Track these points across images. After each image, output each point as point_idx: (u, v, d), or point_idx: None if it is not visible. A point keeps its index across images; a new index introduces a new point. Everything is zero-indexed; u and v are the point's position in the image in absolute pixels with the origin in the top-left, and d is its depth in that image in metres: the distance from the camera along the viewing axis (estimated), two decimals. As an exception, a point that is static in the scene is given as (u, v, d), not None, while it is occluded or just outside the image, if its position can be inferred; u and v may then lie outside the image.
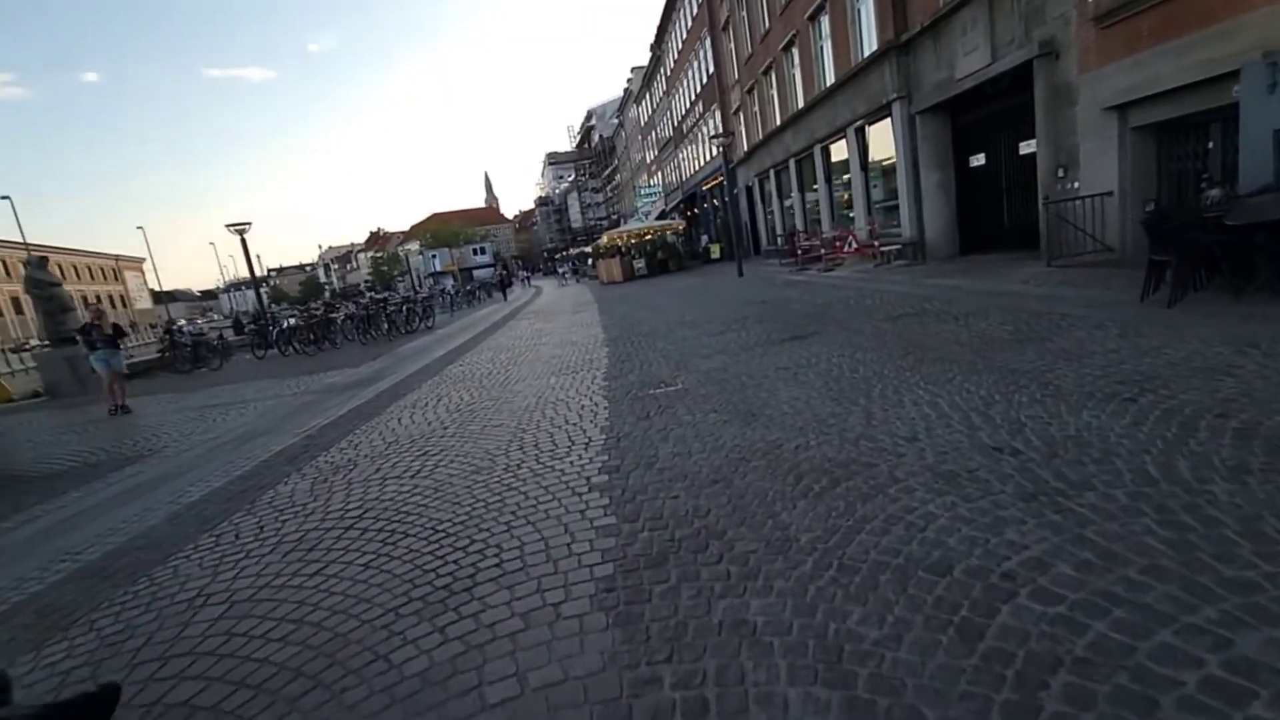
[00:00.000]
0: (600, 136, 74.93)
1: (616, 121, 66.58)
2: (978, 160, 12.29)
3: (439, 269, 67.76)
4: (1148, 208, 8.02)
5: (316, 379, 10.17)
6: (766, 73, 21.52)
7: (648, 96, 48.89)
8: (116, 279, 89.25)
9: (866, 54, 14.13)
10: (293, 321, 15.07)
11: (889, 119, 13.69)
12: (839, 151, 17.03)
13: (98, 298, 78.58)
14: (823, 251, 15.14)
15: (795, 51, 18.79)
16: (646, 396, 5.46)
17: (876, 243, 13.98)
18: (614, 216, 71.82)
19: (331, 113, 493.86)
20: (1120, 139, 8.44)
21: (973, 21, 10.63)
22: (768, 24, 20.39)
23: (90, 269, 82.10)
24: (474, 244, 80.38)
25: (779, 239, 21.06)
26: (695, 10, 31.08)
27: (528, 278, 59.64)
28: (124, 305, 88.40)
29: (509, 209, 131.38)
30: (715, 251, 31.85)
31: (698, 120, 34.16)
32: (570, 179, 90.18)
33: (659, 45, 41.05)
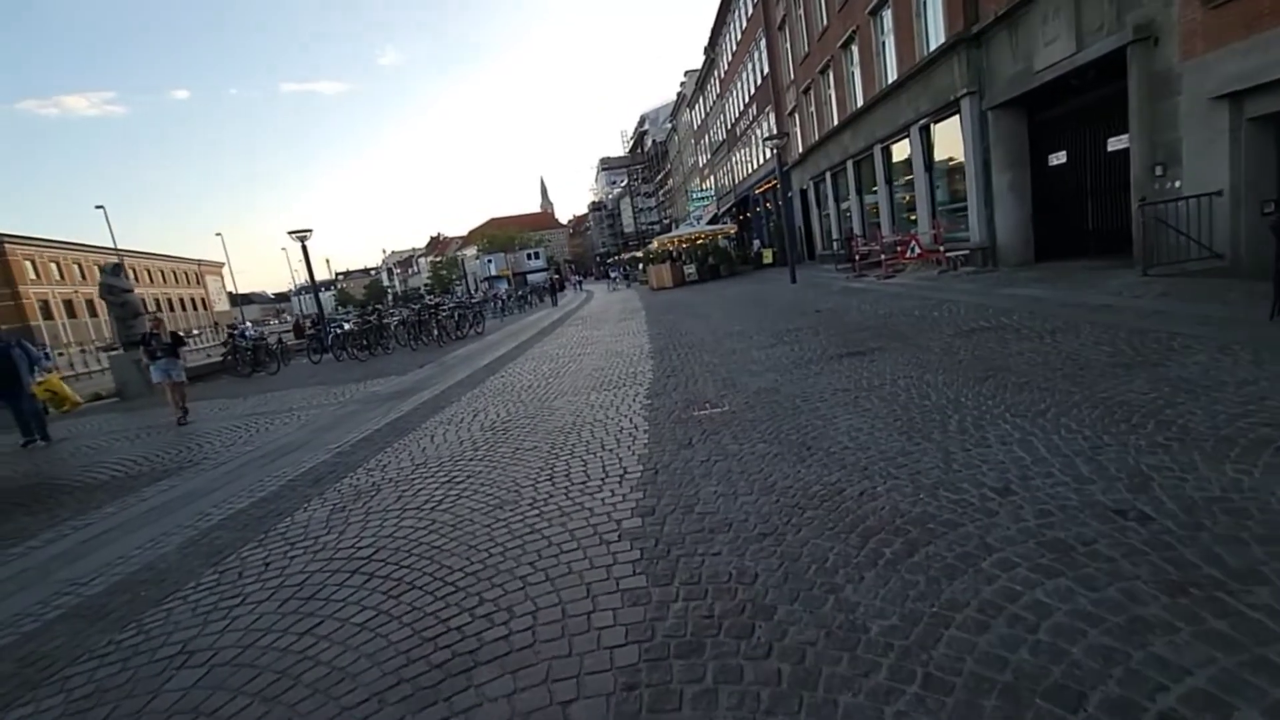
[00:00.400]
0: (653, 141, 74.84)
1: (669, 126, 66.34)
2: (1058, 159, 11.27)
3: (494, 273, 68.99)
4: (1266, 209, 7.04)
5: (362, 387, 10.16)
6: (824, 72, 20.70)
7: (701, 100, 48.40)
8: (198, 282, 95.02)
9: (933, 48, 13.26)
10: (347, 327, 15.31)
11: (956, 116, 12.79)
12: (900, 152, 16.13)
13: (169, 303, 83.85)
14: (883, 257, 14.29)
15: (855, 49, 17.97)
16: (690, 419, 5.01)
17: (942, 248, 13.07)
18: (666, 220, 71.58)
19: (398, 123, 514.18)
20: (1232, 132, 7.44)
21: (1054, 9, 9.71)
22: (826, 21, 19.61)
23: (175, 273, 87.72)
24: (528, 249, 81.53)
25: (835, 244, 20.20)
26: (750, 11, 30.43)
27: (579, 282, 59.92)
28: (204, 307, 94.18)
29: (563, 214, 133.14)
30: (768, 257, 31.04)
31: (751, 123, 33.45)
32: (623, 184, 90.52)
33: (713, 48, 40.53)
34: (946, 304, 8.86)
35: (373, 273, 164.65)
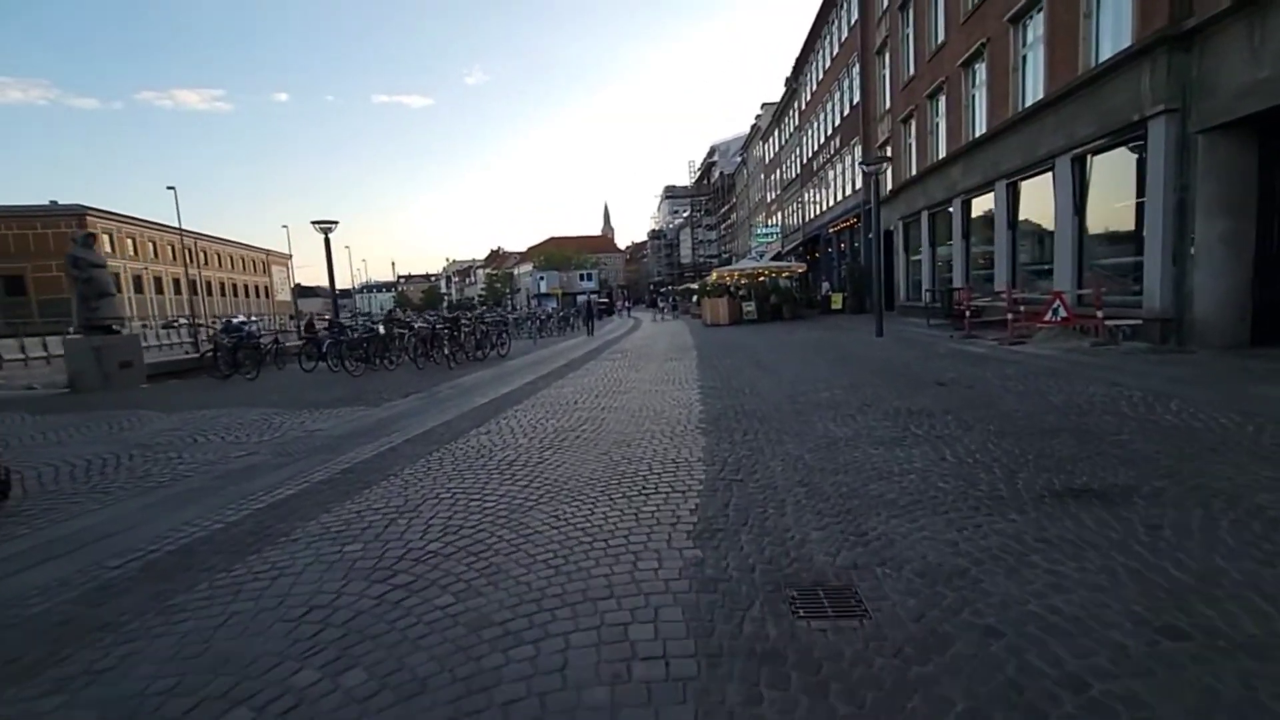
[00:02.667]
0: (721, 173, 72.92)
1: (739, 159, 64.29)
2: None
3: (544, 291, 67.77)
4: None
5: (315, 419, 7.70)
6: (933, 96, 17.84)
7: (776, 133, 46.05)
8: (265, 271, 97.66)
9: (1107, 55, 10.26)
10: (356, 334, 13.07)
11: (1136, 143, 9.70)
12: (1036, 189, 13.03)
13: (234, 288, 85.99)
14: (1009, 317, 11.14)
15: (980, 66, 15.09)
16: (791, 629, 2.19)
17: (1100, 313, 9.87)
18: (724, 255, 69.12)
19: (475, 139, 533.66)
20: None
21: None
22: (943, 36, 16.81)
23: (244, 260, 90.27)
24: (583, 270, 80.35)
25: (929, 295, 17.02)
26: (844, 36, 27.95)
27: (628, 308, 58.15)
28: (267, 295, 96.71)
29: (623, 239, 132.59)
30: (837, 302, 27.92)
31: (832, 156, 30.71)
32: (685, 214, 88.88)
33: (796, 77, 38.21)
34: (1165, 399, 5.75)
35: (433, 279, 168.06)
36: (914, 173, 19.47)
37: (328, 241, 17.19)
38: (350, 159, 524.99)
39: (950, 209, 16.82)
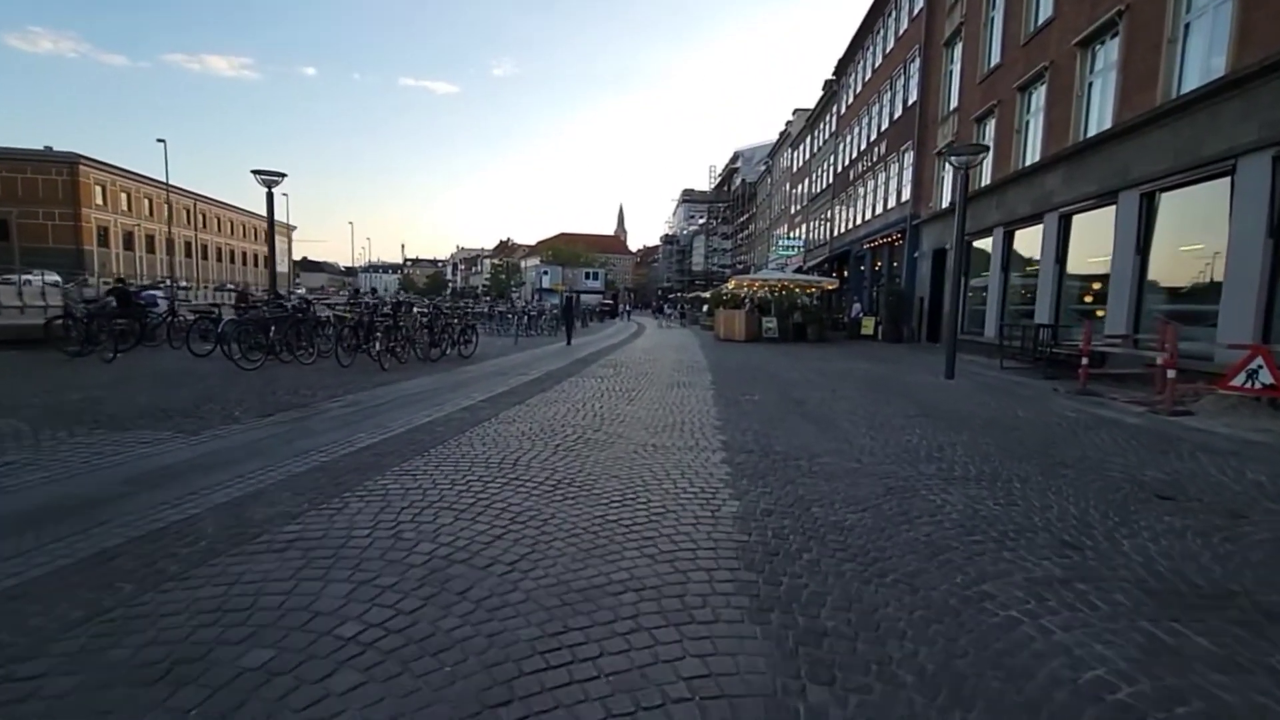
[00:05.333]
0: (743, 180, 69.75)
1: (764, 166, 61.11)
2: None
3: (547, 286, 64.49)
4: None
5: (64, 447, 4.47)
6: (1026, 87, 14.60)
7: (808, 139, 42.85)
8: (266, 240, 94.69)
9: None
10: (257, 314, 9.79)
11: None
12: (1180, 201, 9.79)
13: (232, 254, 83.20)
14: (1170, 374, 7.81)
15: (1100, 47, 11.89)
16: None
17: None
18: (739, 265, 65.90)
19: (497, 129, 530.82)
20: None
21: None
22: (1051, 12, 13.56)
23: (245, 226, 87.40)
24: (590, 268, 77.22)
25: (1005, 329, 13.71)
26: (903, 28, 24.76)
27: (629, 311, 55.31)
28: (266, 265, 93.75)
29: (635, 243, 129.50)
30: (868, 327, 24.64)
31: (874, 165, 27.49)
32: (701, 221, 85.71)
33: (838, 78, 35.04)
34: None
35: (440, 264, 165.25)
36: (987, 181, 16.20)
37: (270, 196, 13.98)
38: (370, 138, 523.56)
39: (1039, 226, 13.53)
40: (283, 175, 14.11)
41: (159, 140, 47.83)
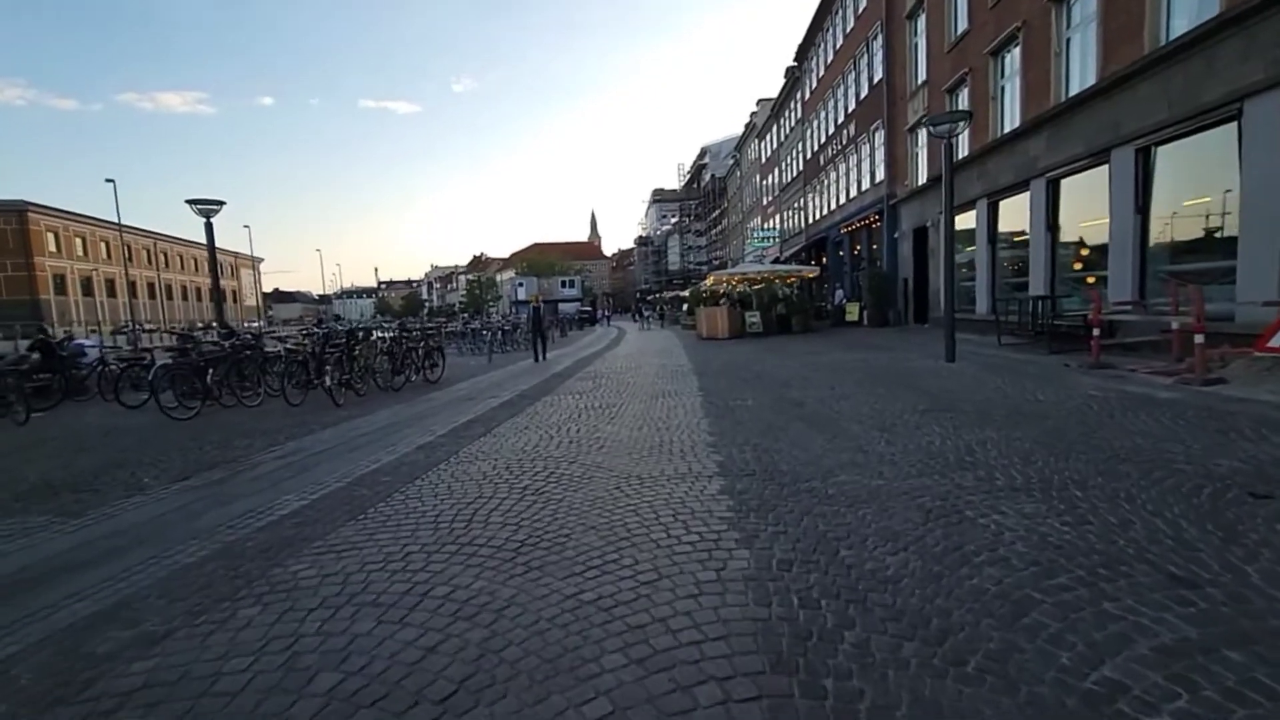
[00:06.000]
0: (712, 176, 69.31)
1: (732, 160, 60.70)
2: None
3: (522, 298, 63.32)
4: None
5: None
6: (999, 51, 14.04)
7: (774, 129, 42.42)
8: (233, 275, 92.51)
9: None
10: (171, 360, 8.64)
11: None
12: (1179, 153, 9.21)
13: (197, 291, 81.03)
14: (1198, 340, 7.15)
15: (1076, 2, 11.34)
16: None
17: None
18: (715, 261, 65.41)
19: (460, 146, 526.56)
20: None
21: None
22: (1016, -29, 13.00)
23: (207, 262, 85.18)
24: (565, 276, 76.22)
25: (999, 306, 13.07)
26: (862, 5, 24.26)
27: (608, 316, 54.83)
28: (234, 300, 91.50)
29: (610, 247, 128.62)
30: (853, 313, 24.09)
31: (844, 147, 26.99)
32: (674, 220, 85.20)
33: (800, 64, 34.57)
34: None
35: (414, 284, 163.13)
36: (965, 153, 15.63)
37: (209, 226, 12.96)
38: (335, 164, 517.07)
39: (1025, 194, 12.95)
40: (220, 204, 13.12)
41: (107, 180, 46.06)
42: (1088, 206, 11.34)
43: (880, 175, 23.10)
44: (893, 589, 2.60)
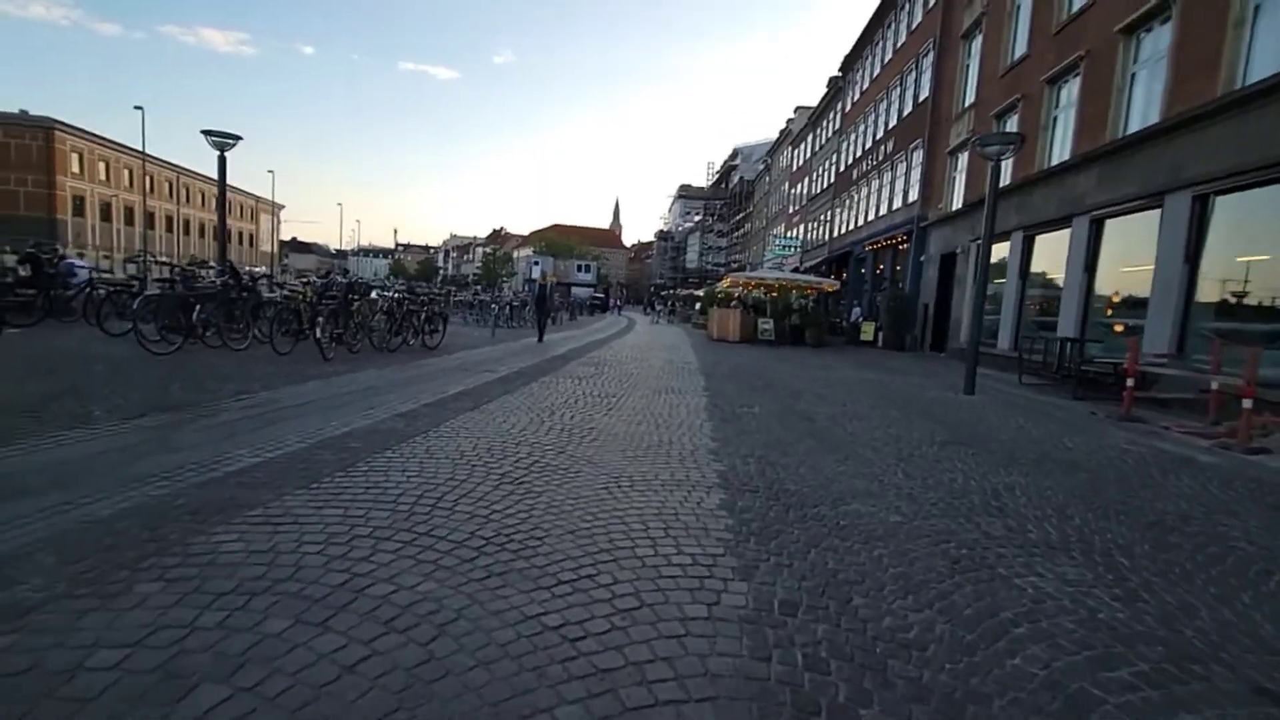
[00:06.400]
0: (741, 178, 68.52)
1: (763, 164, 59.93)
2: None
3: (536, 277, 62.87)
4: None
5: None
6: (1056, 80, 13.45)
7: (810, 137, 41.69)
8: (252, 218, 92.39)
9: None
10: (159, 291, 8.24)
11: None
12: (1241, 204, 8.67)
13: (215, 230, 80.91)
14: (1246, 404, 6.65)
15: (1148, 35, 10.76)
16: None
17: None
18: (733, 264, 64.76)
19: (496, 117, 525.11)
20: None
21: None
22: (1088, -3, 12.40)
23: (231, 203, 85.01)
24: (582, 260, 75.65)
25: (1032, 345, 12.50)
26: (916, 21, 23.59)
27: (619, 306, 54.79)
28: (251, 243, 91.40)
29: (630, 238, 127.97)
30: (868, 332, 23.52)
31: (880, 163, 26.36)
32: (697, 218, 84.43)
33: (845, 74, 33.86)
34: None
35: (431, 251, 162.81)
36: (1006, 181, 15.04)
37: (222, 160, 12.57)
38: (367, 121, 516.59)
39: (1066, 230, 12.39)
40: (237, 138, 12.70)
41: (136, 107, 45.81)
42: (1132, 250, 10.80)
43: (913, 196, 22.51)
44: (917, 658, 2.15)
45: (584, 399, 7.07)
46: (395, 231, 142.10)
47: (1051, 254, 13.28)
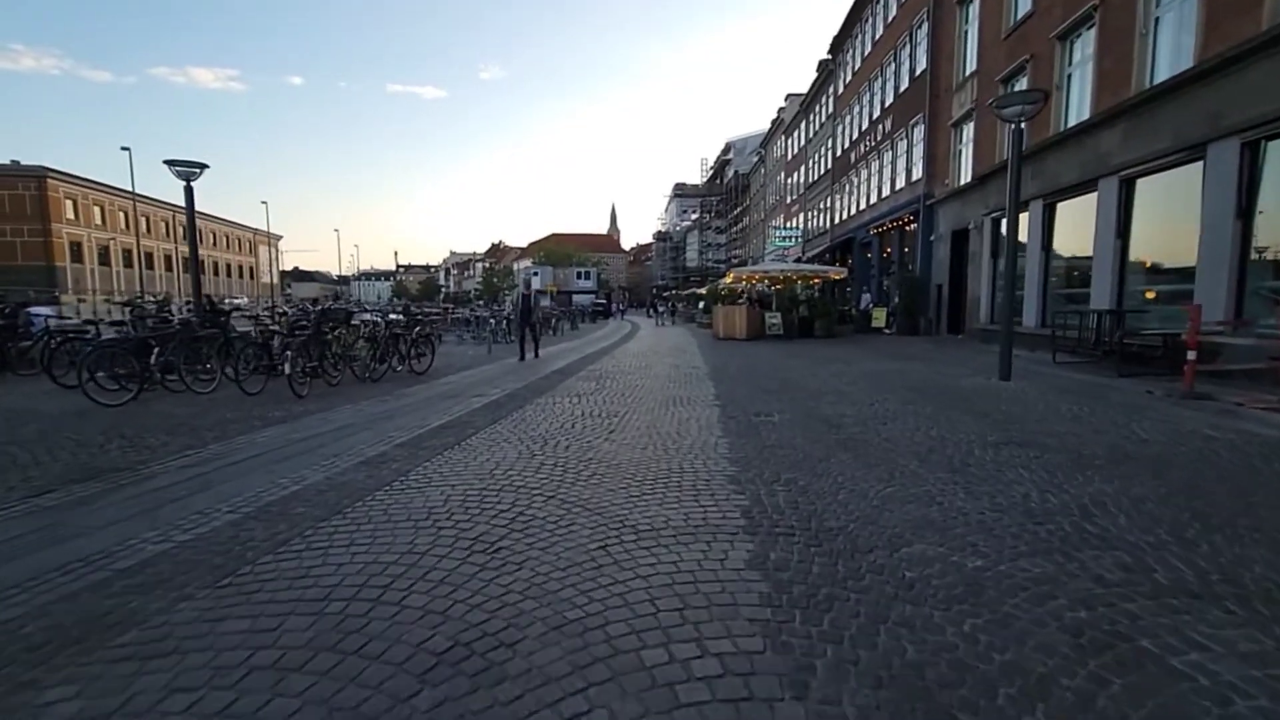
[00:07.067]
0: (736, 172, 67.72)
1: (757, 156, 59.09)
2: None
3: (537, 287, 62.21)
4: None
5: None
6: (1067, 35, 12.57)
7: (803, 125, 40.83)
8: (251, 251, 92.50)
9: None
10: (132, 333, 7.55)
11: None
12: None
13: (215, 266, 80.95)
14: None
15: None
16: None
17: None
18: (734, 260, 63.90)
19: (486, 133, 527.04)
20: None
21: None
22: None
23: (229, 238, 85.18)
24: (581, 268, 75.01)
25: (1065, 320, 11.58)
26: (907, -8, 22.70)
27: (622, 311, 54.33)
28: (252, 276, 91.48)
29: (628, 241, 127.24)
30: (880, 318, 22.63)
31: (879, 143, 25.48)
32: (694, 216, 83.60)
33: (834, 56, 33.00)
34: None
35: (432, 270, 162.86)
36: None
37: (189, 190, 11.91)
38: (360, 146, 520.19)
39: (1092, 194, 11.51)
40: (203, 166, 12.02)
41: (123, 149, 45.48)
42: (1170, 209, 9.93)
43: (917, 173, 21.62)
44: None
45: (582, 421, 6.29)
46: (396, 254, 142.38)
47: (1076, 221, 12.39)
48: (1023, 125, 8.77)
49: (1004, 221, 15.16)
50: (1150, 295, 10.47)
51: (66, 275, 58.68)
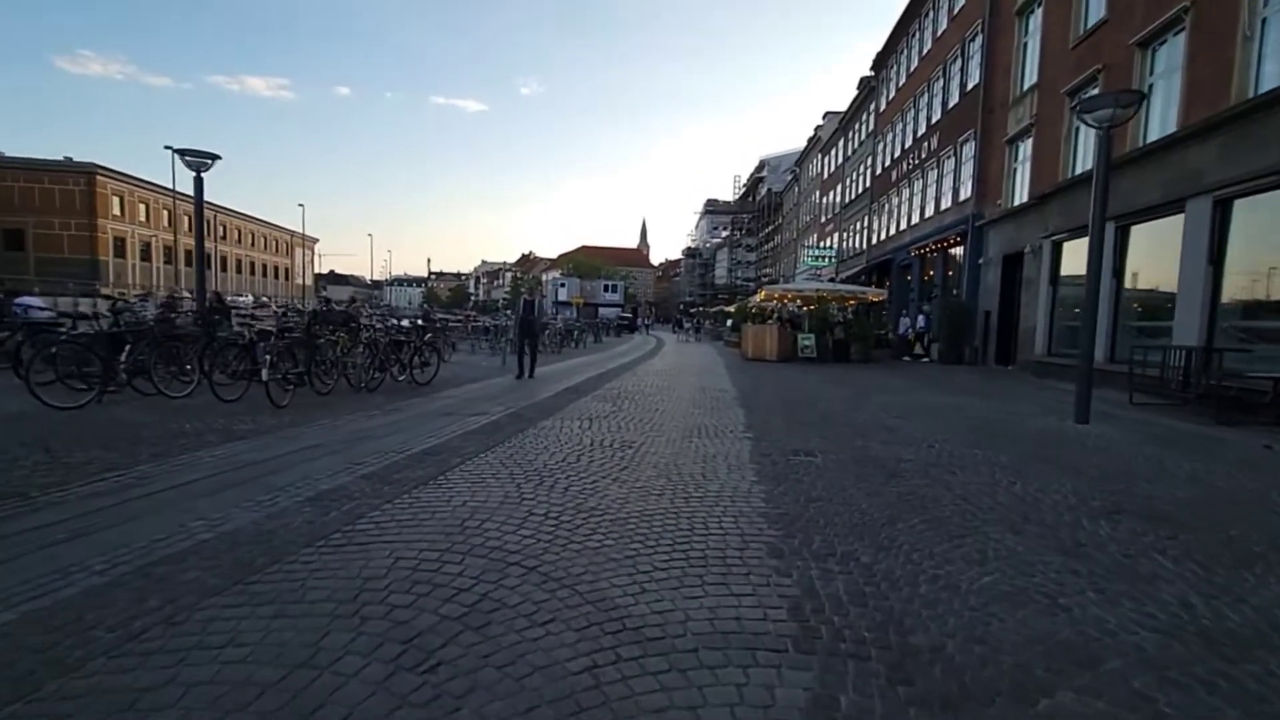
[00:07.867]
0: (769, 190, 66.70)
1: (791, 174, 58.04)
2: None
3: (564, 299, 61.72)
4: None
5: None
6: (1148, 43, 11.39)
7: (841, 143, 39.73)
8: (287, 253, 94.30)
9: None
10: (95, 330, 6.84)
11: None
12: None
13: (252, 266, 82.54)
14: None
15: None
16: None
17: None
18: (764, 278, 62.67)
19: (523, 147, 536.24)
20: None
21: None
22: (1187, -61, 10.36)
23: (266, 238, 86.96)
24: (609, 280, 74.54)
25: (1147, 357, 10.25)
26: (959, 5, 21.62)
27: (647, 326, 53.90)
28: (287, 277, 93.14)
29: (657, 256, 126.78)
30: (917, 345, 21.31)
31: (924, 161, 24.29)
32: (725, 233, 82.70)
33: (877, 72, 31.95)
34: None
35: (463, 278, 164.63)
36: (1086, 164, 12.94)
37: (199, 182, 11.40)
38: (401, 155, 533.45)
39: (1178, 216, 10.26)
40: (214, 157, 11.54)
41: (166, 148, 46.51)
42: (1276, 234, 8.64)
43: (965, 193, 20.38)
44: None
45: (590, 452, 5.33)
46: (429, 260, 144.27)
47: (1155, 246, 11.11)
48: (1110, 132, 7.63)
49: (1066, 245, 13.89)
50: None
51: (109, 269, 60.10)
